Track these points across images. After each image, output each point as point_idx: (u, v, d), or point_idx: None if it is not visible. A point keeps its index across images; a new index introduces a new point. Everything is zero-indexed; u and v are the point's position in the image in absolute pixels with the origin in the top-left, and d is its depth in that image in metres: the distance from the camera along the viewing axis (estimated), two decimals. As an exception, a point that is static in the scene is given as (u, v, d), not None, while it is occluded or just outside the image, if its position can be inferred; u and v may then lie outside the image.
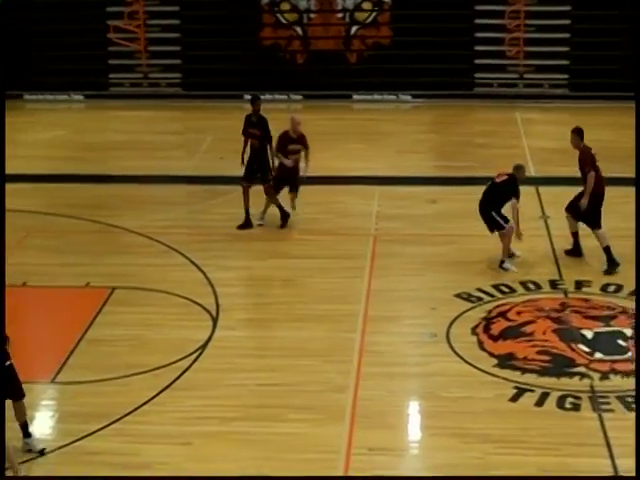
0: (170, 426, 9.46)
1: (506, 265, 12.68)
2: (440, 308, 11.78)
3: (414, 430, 9.66)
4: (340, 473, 8.77)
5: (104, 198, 15.61)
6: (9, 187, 16.01)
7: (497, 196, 12.78)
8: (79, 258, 13.23)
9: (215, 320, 11.56)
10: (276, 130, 13.94)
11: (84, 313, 11.70)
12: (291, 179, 13.95)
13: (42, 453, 9.01)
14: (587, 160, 12.64)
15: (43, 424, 9.72)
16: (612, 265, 12.60)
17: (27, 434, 9.06)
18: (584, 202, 12.59)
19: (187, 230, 14.21)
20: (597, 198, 12.66)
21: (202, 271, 12.82)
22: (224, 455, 9.01)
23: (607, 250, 12.68)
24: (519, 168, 12.95)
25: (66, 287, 12.43)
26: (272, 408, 9.76)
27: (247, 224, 14.09)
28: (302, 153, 13.90)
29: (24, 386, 9.00)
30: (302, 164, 13.89)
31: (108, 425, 9.42)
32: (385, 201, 15.32)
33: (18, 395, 8.96)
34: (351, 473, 8.78)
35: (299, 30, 21.76)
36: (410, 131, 19.24)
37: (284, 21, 21.78)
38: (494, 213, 12.76)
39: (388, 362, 10.63)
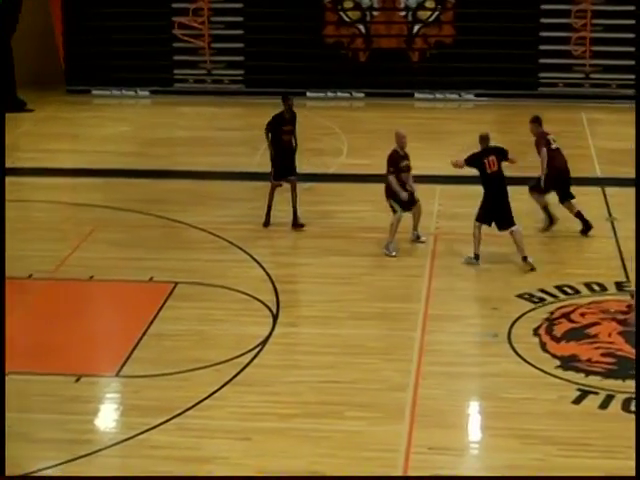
0: (230, 421, 9.53)
1: (530, 259, 12.55)
2: (502, 308, 11.69)
3: (474, 430, 9.61)
4: (399, 472, 8.76)
5: (168, 193, 15.76)
6: (75, 181, 16.50)
7: (503, 184, 12.69)
8: (143, 253, 13.39)
9: (275, 316, 11.61)
10: (340, 127, 13.87)
11: (148, 307, 11.84)
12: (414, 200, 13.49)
13: None
14: (540, 142, 13.46)
15: (107, 417, 9.88)
16: (587, 226, 13.50)
17: None
18: (542, 176, 13.33)
19: (249, 226, 14.28)
20: (559, 173, 13.38)
21: (263, 267, 12.89)
22: (283, 451, 9.05)
23: (578, 215, 13.46)
24: (484, 139, 12.98)
25: (130, 281, 12.59)
26: (331, 405, 9.77)
27: (268, 222, 14.06)
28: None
29: (89, 379, 9.12)
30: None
31: (170, 419, 9.52)
32: (446, 200, 15.24)
33: None
34: (411, 472, 8.76)
35: (362, 28, 21.71)
36: (472, 130, 18.80)
37: (347, 19, 21.74)
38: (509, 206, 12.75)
39: (448, 361, 10.59)
